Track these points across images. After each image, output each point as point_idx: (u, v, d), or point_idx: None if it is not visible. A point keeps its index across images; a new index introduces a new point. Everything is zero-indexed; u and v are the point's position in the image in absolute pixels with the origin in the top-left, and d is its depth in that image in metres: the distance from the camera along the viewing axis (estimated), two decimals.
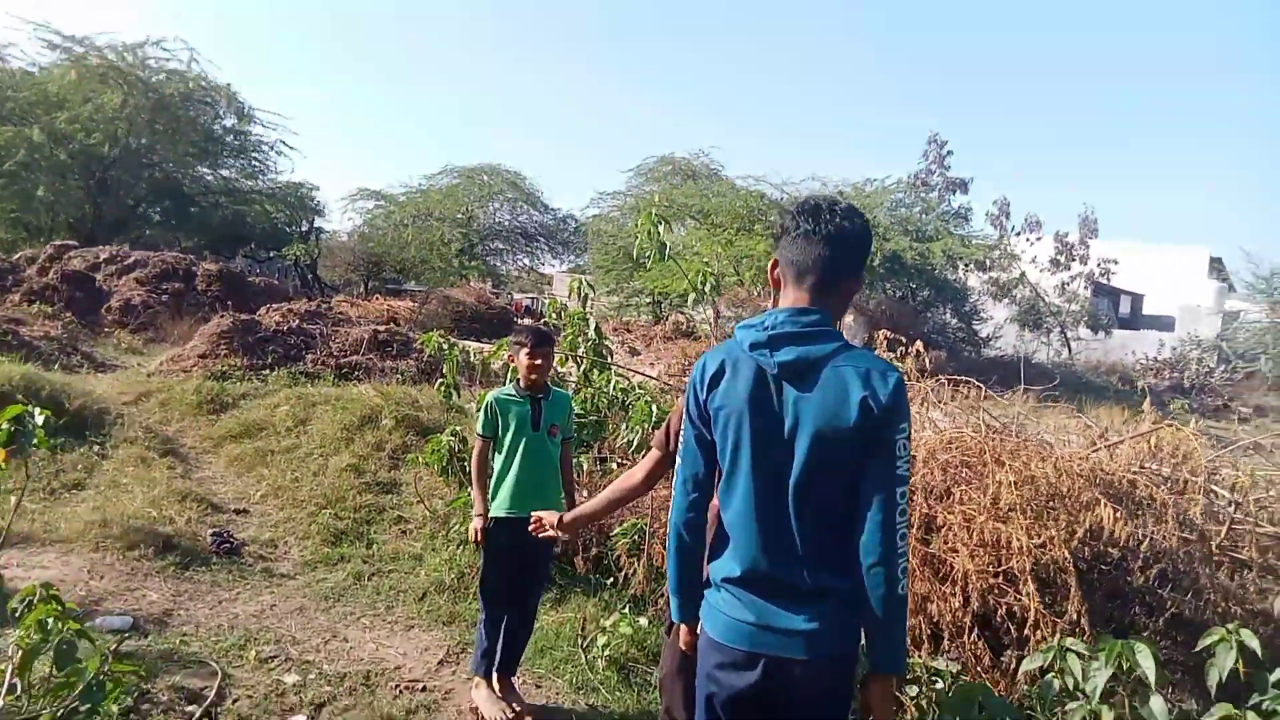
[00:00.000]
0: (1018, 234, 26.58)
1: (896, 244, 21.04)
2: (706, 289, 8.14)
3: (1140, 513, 4.64)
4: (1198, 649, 3.42)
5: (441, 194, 34.58)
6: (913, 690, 3.74)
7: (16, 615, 3.15)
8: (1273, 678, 3.17)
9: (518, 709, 3.91)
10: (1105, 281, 28.47)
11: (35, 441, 3.56)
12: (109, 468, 6.35)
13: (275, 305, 11.22)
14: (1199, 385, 19.59)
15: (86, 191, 23.72)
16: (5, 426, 3.44)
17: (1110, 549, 4.60)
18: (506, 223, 36.39)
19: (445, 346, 6.60)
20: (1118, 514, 4.20)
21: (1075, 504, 4.47)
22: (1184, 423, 5.54)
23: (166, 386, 8.14)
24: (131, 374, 9.09)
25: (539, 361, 3.94)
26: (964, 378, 6.04)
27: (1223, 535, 4.92)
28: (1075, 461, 4.68)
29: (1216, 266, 39.48)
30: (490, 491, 3.93)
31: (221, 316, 9.93)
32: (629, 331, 22.43)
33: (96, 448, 6.66)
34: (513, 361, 4.11)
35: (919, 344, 6.34)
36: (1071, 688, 3.32)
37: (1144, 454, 5.22)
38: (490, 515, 3.90)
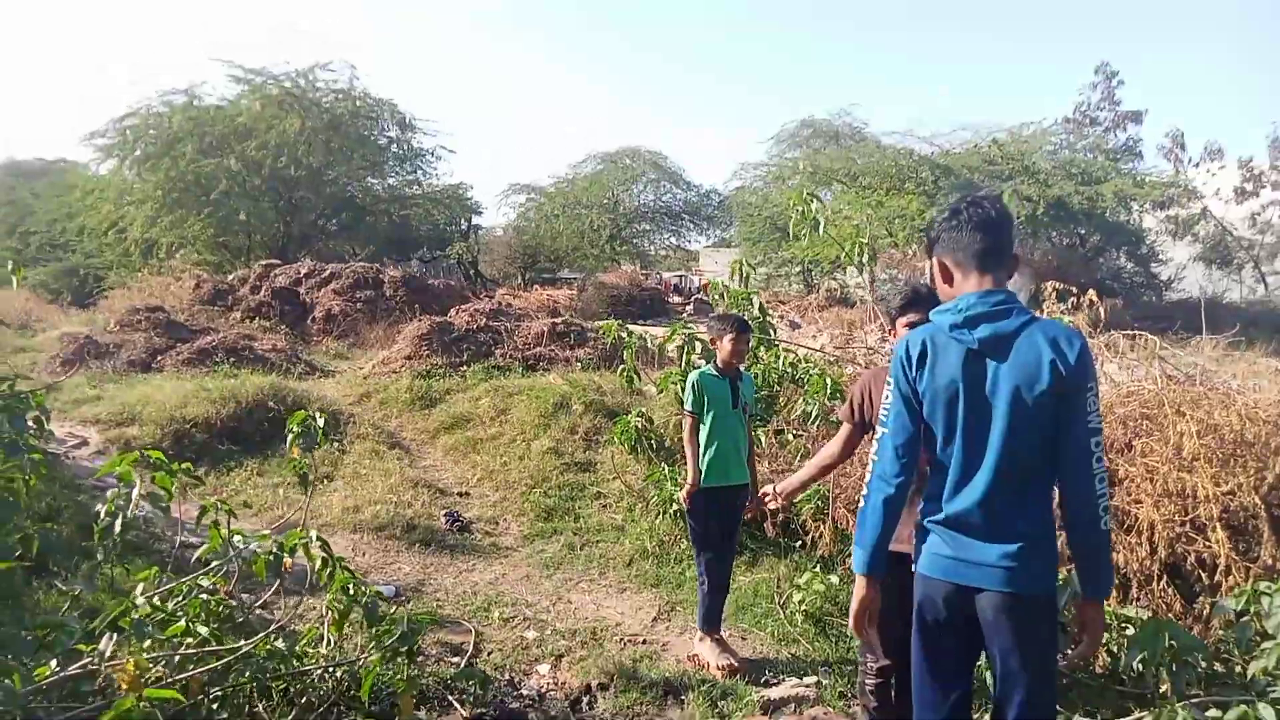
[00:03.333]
0: (1196, 165, 24.70)
1: (1061, 189, 20.08)
2: (865, 259, 8.35)
3: None
4: None
5: (587, 181, 35.61)
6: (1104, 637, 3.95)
7: (321, 584, 3.89)
8: None
9: (736, 660, 4.40)
10: None
11: (318, 440, 4.35)
12: (349, 461, 7.34)
13: (463, 306, 12.26)
14: None
15: (278, 212, 26.10)
16: (296, 429, 4.23)
17: None
18: (651, 203, 37.03)
19: (624, 335, 7.17)
20: None
21: (1266, 450, 4.50)
22: None
23: (382, 387, 9.20)
24: (349, 377, 10.28)
25: (742, 347, 4.45)
26: (1137, 329, 6.00)
27: None
28: (1262, 408, 4.69)
29: None
30: (702, 462, 4.39)
31: (419, 320, 11.01)
32: (782, 303, 22.54)
33: (336, 444, 7.69)
34: (715, 345, 4.58)
35: (1091, 293, 6.32)
36: (1270, 630, 3.45)
37: None
38: (698, 484, 4.40)
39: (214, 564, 4.11)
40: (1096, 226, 22.20)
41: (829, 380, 5.88)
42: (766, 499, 3.85)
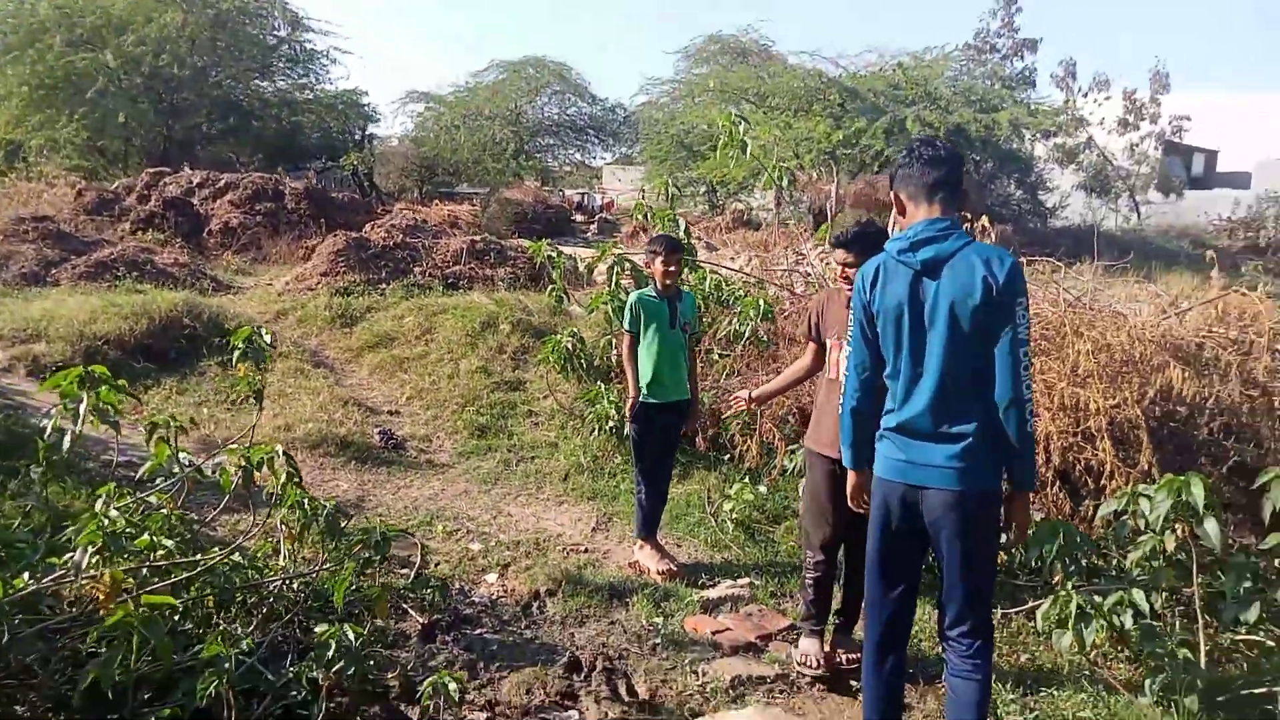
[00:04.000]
0: (1084, 95, 25.80)
1: (960, 116, 20.68)
2: (785, 183, 8.60)
3: (1207, 373, 5.14)
4: (1255, 486, 3.99)
5: (489, 91, 34.40)
6: (1001, 538, 4.41)
7: (271, 501, 3.96)
8: None
9: (674, 564, 4.71)
10: (1177, 140, 27.65)
11: (266, 356, 4.35)
12: (273, 380, 7.23)
13: (377, 222, 11.94)
14: (1276, 245, 19.32)
15: (159, 115, 24.43)
16: (241, 345, 4.22)
17: (1179, 407, 5.14)
18: (555, 117, 36.15)
19: (552, 255, 7.24)
20: (1186, 374, 4.71)
21: (1147, 367, 5.00)
22: (1253, 286, 5.95)
23: (299, 304, 9.01)
24: (261, 294, 9.98)
25: (673, 268, 4.58)
26: (1026, 255, 6.40)
27: None
28: (1148, 329, 5.19)
29: None
30: (641, 379, 4.62)
31: (334, 236, 10.70)
32: (690, 225, 22.68)
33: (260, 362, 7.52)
34: (648, 268, 4.73)
35: (984, 219, 6.75)
36: (1143, 528, 3.93)
37: (1211, 318, 5.68)
38: (639, 400, 4.62)
39: (159, 481, 4.12)
40: (991, 154, 23.04)
41: (763, 302, 6.14)
42: (739, 402, 4.36)
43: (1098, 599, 3.68)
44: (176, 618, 3.48)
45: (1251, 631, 3.75)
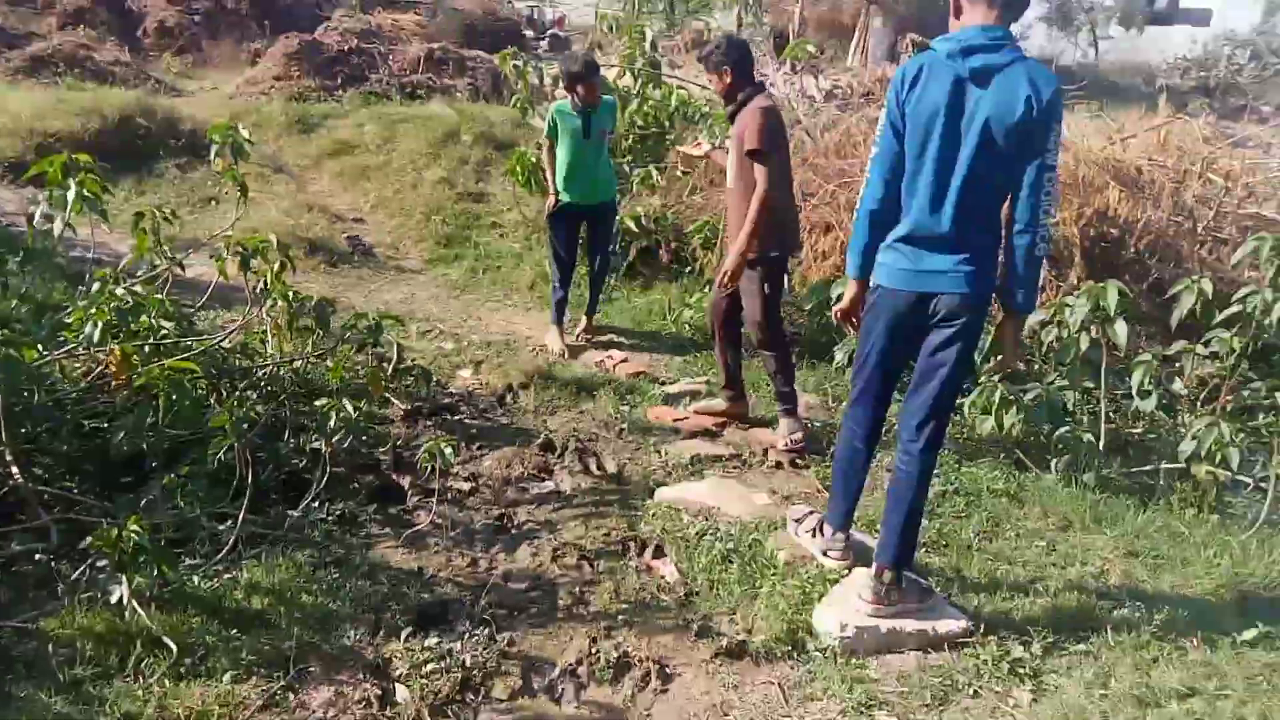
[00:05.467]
0: None
1: None
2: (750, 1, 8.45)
3: (1142, 197, 5.49)
4: (1167, 296, 4.41)
5: None
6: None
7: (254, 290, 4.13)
8: (1218, 318, 4.09)
9: (567, 350, 5.22)
10: None
11: (243, 151, 4.40)
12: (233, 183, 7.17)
13: (329, 25, 11.40)
14: (1225, 85, 19.52)
15: None
16: (219, 139, 4.27)
17: (1111, 230, 5.51)
18: None
19: (517, 65, 7.15)
20: (1123, 195, 5.03)
21: (1089, 189, 5.32)
22: (1194, 118, 6.23)
23: (253, 109, 8.73)
24: (211, 98, 9.63)
25: (586, 89, 4.91)
26: None
27: (1210, 217, 5.78)
28: (1093, 152, 5.46)
29: None
30: (557, 182, 5.15)
31: (286, 39, 10.23)
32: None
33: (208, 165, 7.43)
34: (569, 90, 5.01)
35: None
36: (1066, 337, 4.34)
37: (1153, 146, 5.98)
38: (558, 200, 5.14)
39: (140, 274, 4.26)
40: None
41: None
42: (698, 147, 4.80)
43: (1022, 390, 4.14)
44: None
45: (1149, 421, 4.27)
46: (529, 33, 26.22)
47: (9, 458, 2.90)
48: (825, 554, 3.14)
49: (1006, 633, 2.82)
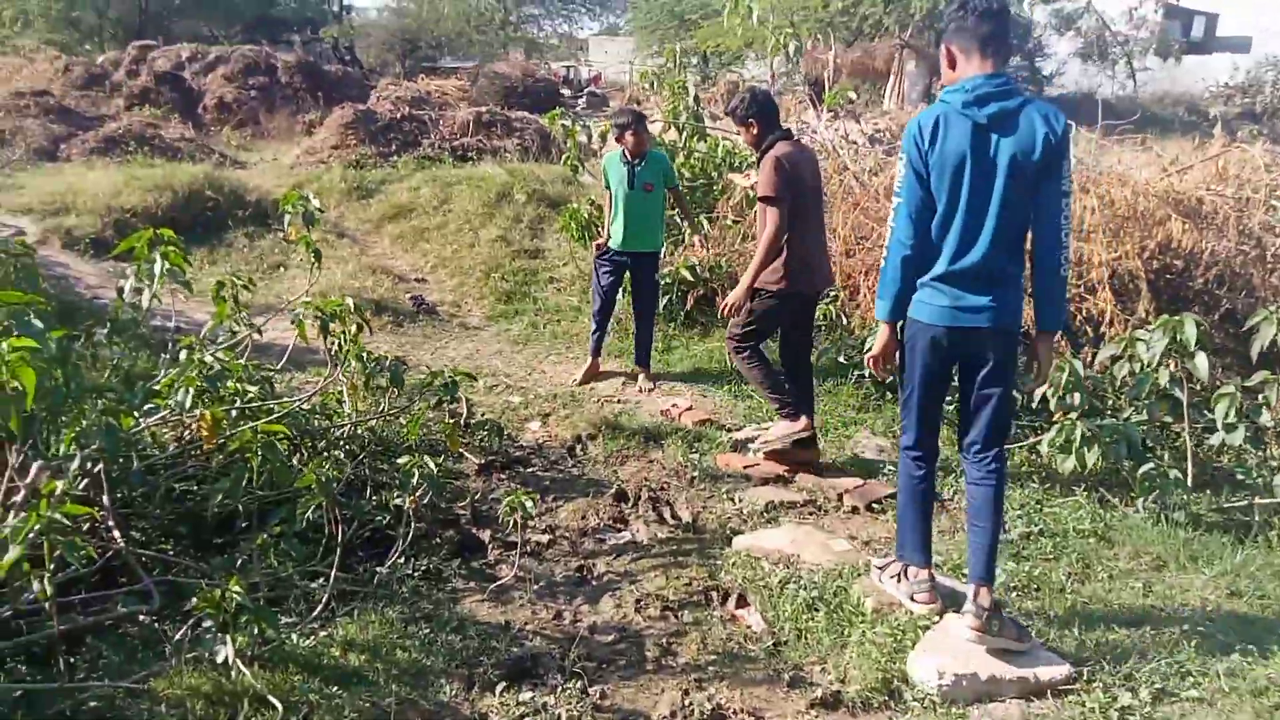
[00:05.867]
0: None
1: None
2: (790, 50, 8.61)
3: (1205, 227, 5.42)
4: (1245, 328, 4.34)
5: None
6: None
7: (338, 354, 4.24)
8: None
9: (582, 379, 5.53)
10: (1176, 2, 27.00)
11: (313, 219, 4.55)
12: (300, 250, 7.42)
13: (381, 94, 11.82)
14: (1273, 109, 19.28)
15: None
16: (291, 208, 4.42)
17: (1175, 260, 5.45)
18: None
19: (565, 125, 7.33)
20: (1186, 227, 4.97)
21: (1150, 221, 5.27)
22: (1251, 145, 6.16)
23: (314, 177, 9.07)
24: (273, 168, 10.01)
25: (634, 138, 5.21)
26: None
27: (1279, 244, 5.68)
28: (1151, 185, 5.42)
29: None
30: (608, 227, 5.45)
31: (342, 109, 10.64)
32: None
33: (281, 233, 7.71)
34: (619, 140, 5.30)
35: None
36: (1139, 371, 4.28)
37: (1211, 176, 5.91)
38: (605, 244, 5.44)
39: (220, 340, 4.40)
40: None
41: None
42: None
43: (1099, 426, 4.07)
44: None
45: (1235, 455, 4.16)
46: (565, 91, 26.91)
47: (110, 523, 2.99)
48: (912, 598, 3.09)
49: (1111, 679, 2.74)
